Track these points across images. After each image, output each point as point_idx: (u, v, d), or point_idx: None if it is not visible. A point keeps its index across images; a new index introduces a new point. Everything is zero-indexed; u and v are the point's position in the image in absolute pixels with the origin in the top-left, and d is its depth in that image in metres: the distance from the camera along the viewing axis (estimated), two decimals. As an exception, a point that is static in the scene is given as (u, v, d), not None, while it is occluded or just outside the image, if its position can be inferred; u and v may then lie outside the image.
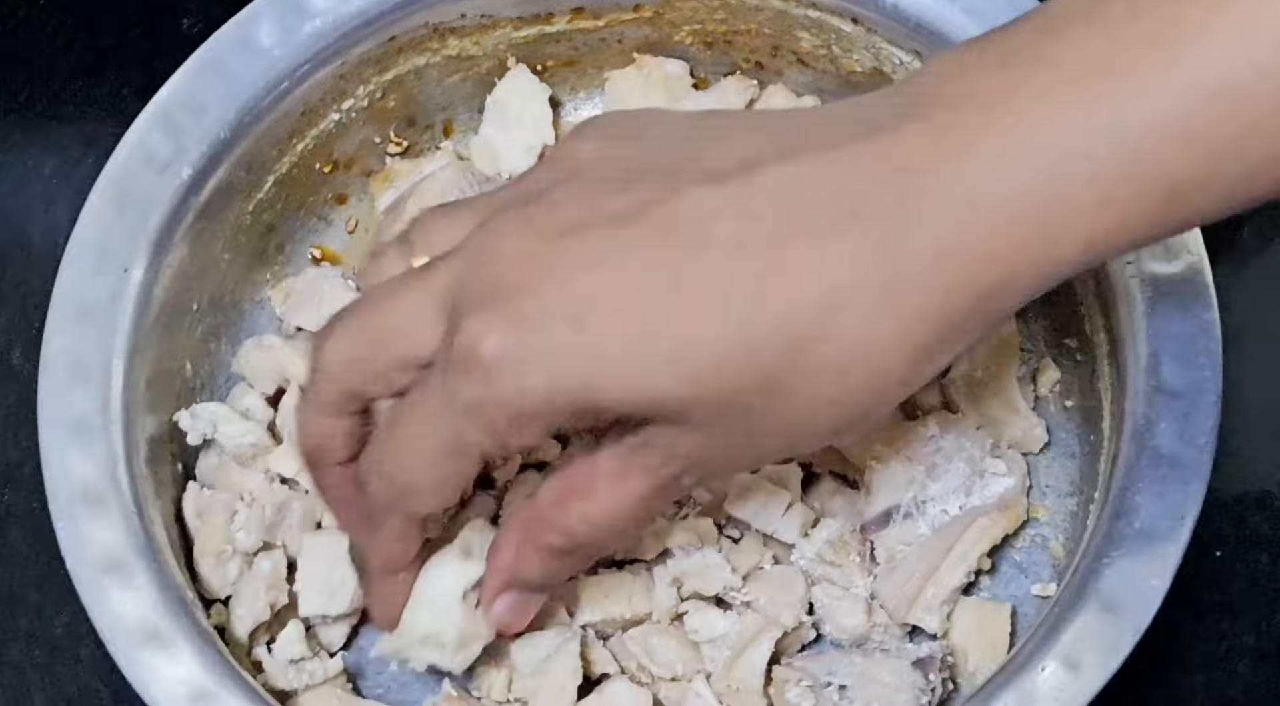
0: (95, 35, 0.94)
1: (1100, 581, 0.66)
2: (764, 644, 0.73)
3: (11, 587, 0.83)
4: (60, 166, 0.91)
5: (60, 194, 0.90)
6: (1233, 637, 0.79)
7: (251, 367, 0.81)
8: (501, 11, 0.83)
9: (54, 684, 0.81)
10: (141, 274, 0.74)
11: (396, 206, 0.84)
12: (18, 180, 0.91)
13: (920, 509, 0.76)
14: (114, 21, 0.95)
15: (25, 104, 0.94)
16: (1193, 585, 0.77)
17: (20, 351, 0.87)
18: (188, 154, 0.76)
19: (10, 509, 0.84)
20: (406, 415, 0.57)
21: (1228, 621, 0.80)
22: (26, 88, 0.94)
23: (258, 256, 0.83)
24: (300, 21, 0.78)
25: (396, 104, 0.85)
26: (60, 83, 0.94)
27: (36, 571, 0.82)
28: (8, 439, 0.85)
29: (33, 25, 0.95)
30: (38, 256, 0.89)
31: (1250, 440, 0.82)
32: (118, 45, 0.94)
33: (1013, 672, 0.66)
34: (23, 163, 0.92)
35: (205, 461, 0.79)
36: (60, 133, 0.92)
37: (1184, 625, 0.79)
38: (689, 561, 0.74)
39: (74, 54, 0.94)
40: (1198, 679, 0.79)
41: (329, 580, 0.74)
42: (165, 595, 0.68)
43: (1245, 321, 0.82)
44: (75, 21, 0.95)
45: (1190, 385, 0.69)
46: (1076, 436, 0.79)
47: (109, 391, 0.72)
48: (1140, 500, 0.67)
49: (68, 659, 0.81)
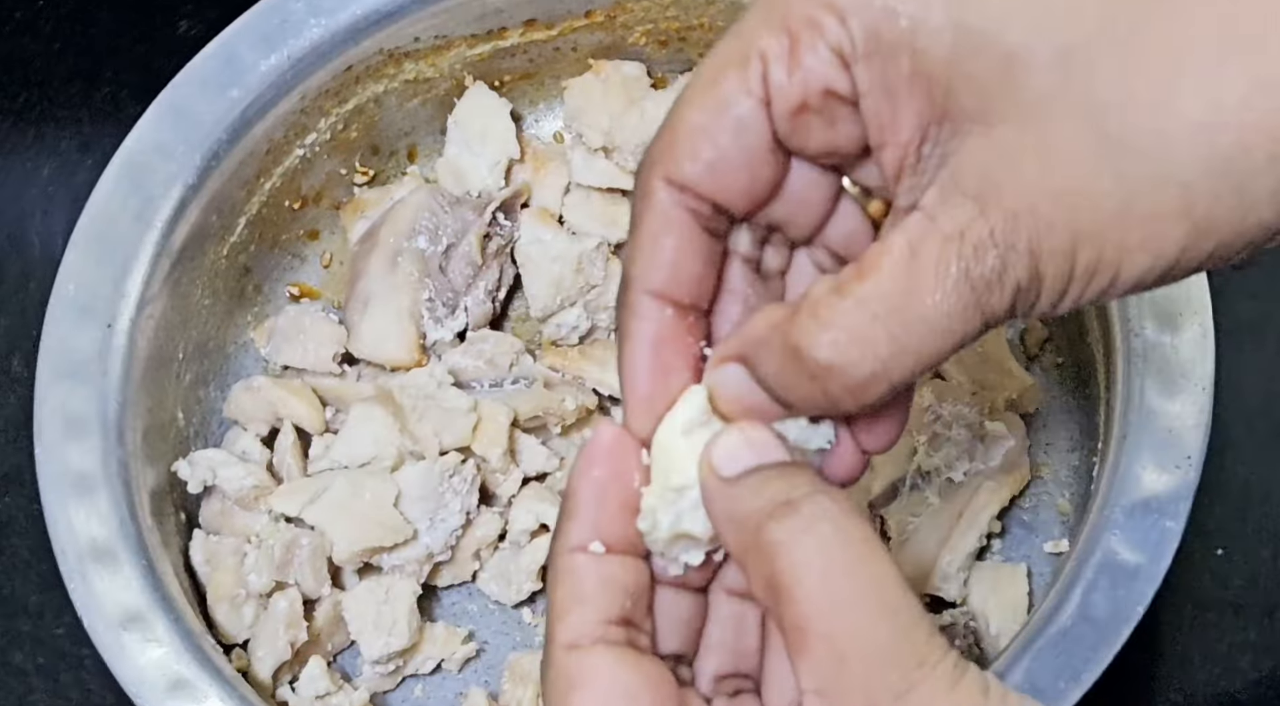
0: (92, 38, 0.94)
1: (1115, 530, 0.66)
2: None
3: (13, 591, 0.82)
4: (58, 170, 0.91)
5: (58, 198, 0.90)
6: (1234, 634, 0.79)
7: (243, 410, 0.81)
8: (455, 30, 0.83)
9: (57, 689, 0.80)
10: (126, 326, 0.74)
11: (371, 236, 0.84)
12: (15, 184, 0.91)
13: (925, 479, 0.77)
14: (111, 25, 0.94)
15: (23, 107, 0.93)
16: (1194, 581, 0.78)
17: (19, 357, 0.86)
18: (158, 203, 0.76)
19: (11, 514, 0.83)
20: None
21: (1229, 617, 0.79)
22: (24, 91, 0.93)
23: (237, 299, 0.83)
24: (256, 59, 0.78)
25: (359, 133, 0.85)
26: (57, 86, 0.93)
27: (38, 575, 0.82)
28: (7, 444, 0.84)
29: (30, 28, 0.94)
30: (36, 261, 0.88)
31: (1251, 436, 0.82)
32: (115, 48, 0.94)
33: (1039, 628, 0.66)
34: (20, 166, 0.91)
35: (208, 508, 0.78)
36: (57, 136, 0.92)
37: (1185, 621, 0.79)
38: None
39: (71, 57, 0.94)
40: (1199, 675, 0.78)
41: (379, 621, 0.75)
42: (187, 643, 0.68)
43: (1245, 320, 0.83)
44: (72, 25, 0.94)
45: (1178, 313, 0.70)
46: (1071, 392, 0.80)
47: (107, 447, 0.71)
48: (1145, 442, 0.68)
49: (70, 663, 0.80)
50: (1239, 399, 0.80)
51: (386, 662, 0.77)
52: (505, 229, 0.85)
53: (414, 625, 0.76)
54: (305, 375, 0.82)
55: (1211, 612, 0.79)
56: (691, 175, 0.47)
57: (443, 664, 0.79)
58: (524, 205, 0.86)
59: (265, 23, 0.78)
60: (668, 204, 0.47)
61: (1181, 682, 0.78)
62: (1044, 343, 0.81)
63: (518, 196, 0.86)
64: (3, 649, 0.81)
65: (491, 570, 0.80)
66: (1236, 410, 0.80)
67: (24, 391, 0.79)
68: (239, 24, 0.78)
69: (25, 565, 0.82)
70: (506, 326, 0.86)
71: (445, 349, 0.82)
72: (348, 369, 0.83)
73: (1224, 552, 0.80)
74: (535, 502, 0.79)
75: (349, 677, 0.78)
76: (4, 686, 0.80)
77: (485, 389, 0.81)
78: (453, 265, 0.83)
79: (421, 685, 0.79)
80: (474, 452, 0.78)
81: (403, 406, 0.78)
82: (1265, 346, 0.84)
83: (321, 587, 0.76)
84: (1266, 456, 0.82)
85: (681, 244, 0.47)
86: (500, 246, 0.84)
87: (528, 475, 0.80)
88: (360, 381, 0.82)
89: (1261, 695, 0.78)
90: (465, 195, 0.85)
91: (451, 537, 0.78)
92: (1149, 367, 0.69)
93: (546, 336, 0.85)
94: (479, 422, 0.78)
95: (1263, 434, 0.82)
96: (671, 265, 0.48)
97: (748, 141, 0.46)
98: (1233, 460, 0.81)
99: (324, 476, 0.78)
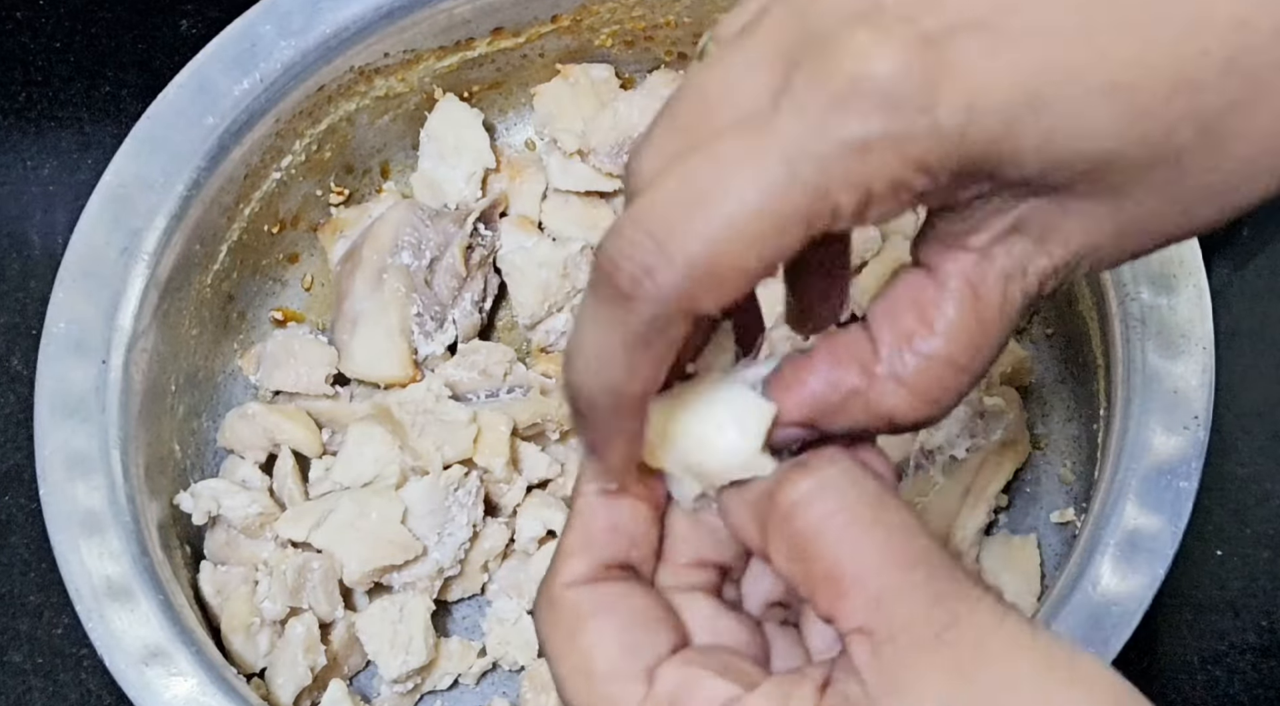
0: (93, 37, 0.93)
1: (1130, 495, 0.67)
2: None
3: (12, 591, 0.81)
4: (59, 169, 0.90)
5: (59, 197, 0.89)
6: (1234, 635, 0.79)
7: (239, 438, 0.80)
8: (423, 44, 0.82)
9: (56, 689, 0.79)
10: (120, 361, 0.73)
11: (353, 255, 0.84)
12: (16, 183, 0.90)
13: (929, 459, 0.77)
14: (112, 23, 0.93)
15: (24, 106, 0.92)
16: (1194, 583, 0.79)
17: (19, 355, 0.85)
18: (143, 235, 0.75)
19: (11, 513, 0.82)
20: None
21: (1229, 619, 0.80)
22: (24, 90, 0.92)
23: (222, 327, 0.82)
24: (230, 84, 0.77)
25: (332, 153, 0.84)
26: (59, 84, 0.92)
27: (37, 575, 0.81)
28: (8, 443, 0.83)
29: (31, 27, 0.93)
30: (36, 260, 0.87)
31: (1249, 439, 0.82)
32: (116, 47, 0.93)
33: (1063, 597, 0.66)
34: (21, 165, 0.90)
35: (213, 539, 0.78)
36: (59, 135, 0.91)
37: (1185, 623, 0.79)
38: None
39: (72, 56, 0.93)
40: (1199, 677, 0.79)
41: (395, 640, 0.74)
42: (212, 676, 0.67)
43: (1245, 320, 0.83)
44: (73, 23, 0.93)
45: (1172, 274, 0.70)
46: (1063, 362, 0.80)
47: (113, 483, 0.71)
48: (1152, 407, 0.68)
49: (69, 663, 0.79)
50: (1237, 401, 0.81)
51: (405, 681, 0.76)
52: (487, 239, 0.85)
53: (430, 641, 0.76)
54: (298, 399, 0.82)
55: (1210, 615, 0.79)
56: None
57: (460, 678, 0.78)
58: (503, 214, 0.86)
59: (236, 47, 0.78)
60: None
61: (1180, 684, 0.79)
62: (1032, 315, 0.82)
63: (496, 206, 0.86)
64: (1, 648, 0.80)
65: (500, 581, 0.80)
66: (1235, 412, 0.81)
67: (24, 389, 0.79)
68: (209, 50, 0.77)
69: (24, 564, 0.81)
70: (493, 336, 0.86)
71: (437, 363, 0.82)
72: (340, 390, 0.82)
73: (1222, 554, 0.80)
74: (541, 509, 0.79)
75: (368, 699, 0.78)
76: (2, 686, 0.79)
77: (482, 400, 0.81)
78: (437, 279, 0.83)
79: (440, 701, 0.79)
80: (476, 464, 0.78)
81: (402, 422, 0.78)
82: (1263, 349, 0.84)
83: (335, 610, 0.76)
84: (1265, 459, 0.82)
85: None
86: (483, 257, 0.84)
87: (531, 483, 0.80)
88: (354, 401, 0.81)
89: (1261, 697, 0.78)
90: (444, 208, 0.85)
91: (460, 551, 0.77)
92: (1148, 331, 0.70)
93: (535, 343, 0.84)
94: (479, 434, 0.78)
95: (1261, 436, 0.83)
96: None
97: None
98: (1232, 462, 0.81)
99: (329, 499, 0.77)
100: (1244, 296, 0.84)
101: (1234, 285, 0.83)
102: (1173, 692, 0.78)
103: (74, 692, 0.79)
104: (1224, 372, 0.70)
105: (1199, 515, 0.67)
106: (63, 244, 0.73)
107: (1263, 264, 0.86)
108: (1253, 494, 0.82)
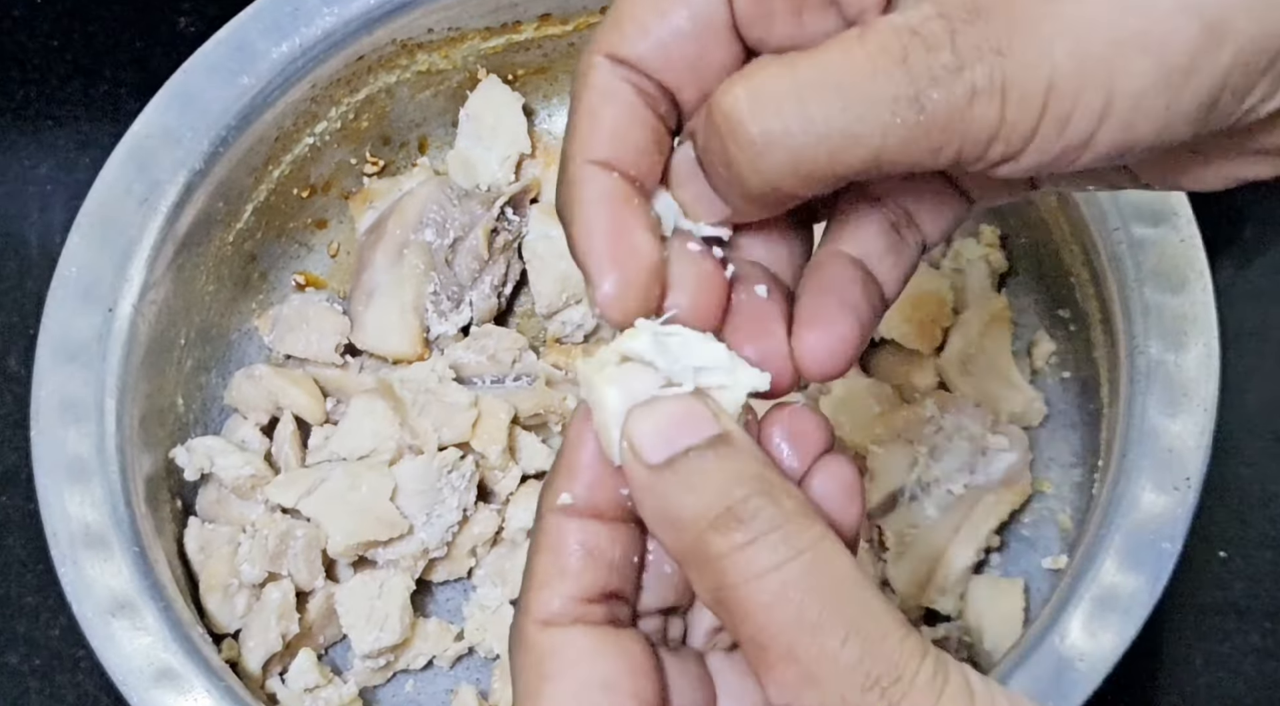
0: (91, 36, 0.94)
1: (1111, 551, 0.66)
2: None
3: (8, 592, 0.82)
4: (56, 168, 0.90)
5: (56, 196, 0.89)
6: (1237, 637, 0.79)
7: (244, 398, 0.80)
8: (469, 23, 0.82)
9: (53, 691, 0.80)
10: (127, 311, 0.74)
11: (378, 226, 0.84)
12: (14, 182, 0.91)
13: (925, 490, 0.76)
14: (110, 21, 0.94)
15: (21, 104, 0.93)
16: (1197, 585, 0.78)
17: (16, 355, 0.86)
18: (164, 187, 0.75)
19: (8, 514, 0.83)
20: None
21: (1232, 621, 0.79)
22: (22, 88, 0.93)
23: (241, 286, 0.83)
24: (268, 47, 0.77)
25: (370, 123, 0.84)
26: (57, 83, 0.93)
27: (33, 576, 0.81)
28: (4, 444, 0.84)
29: (28, 25, 0.94)
30: (34, 259, 0.88)
31: (1254, 440, 0.81)
32: (114, 45, 0.93)
33: (1031, 646, 0.65)
34: (19, 164, 0.91)
35: (205, 496, 0.78)
36: (56, 134, 0.92)
37: (1188, 625, 0.78)
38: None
39: (70, 54, 0.93)
40: (1202, 679, 0.78)
41: (371, 616, 0.75)
42: (175, 633, 0.68)
43: (1247, 320, 0.82)
44: (71, 22, 0.94)
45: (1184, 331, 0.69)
46: (1076, 407, 0.79)
47: (103, 432, 0.71)
48: (1145, 464, 0.67)
49: (66, 665, 0.80)
50: (1241, 403, 0.80)
51: (377, 657, 0.76)
52: (513, 224, 0.84)
53: (406, 620, 0.76)
54: (307, 365, 0.82)
55: (1214, 616, 0.79)
56: (635, 51, 0.43)
57: (434, 660, 0.78)
58: (533, 200, 0.86)
59: (277, 10, 0.78)
60: (608, 77, 0.43)
61: (1184, 686, 0.78)
62: (1050, 356, 0.80)
63: (527, 192, 0.85)
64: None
65: (487, 567, 0.80)
66: (1239, 414, 0.79)
67: (20, 389, 0.79)
68: (250, 11, 0.78)
69: (21, 565, 0.82)
70: (511, 322, 0.86)
71: (448, 343, 0.82)
72: (350, 360, 0.82)
73: (1226, 556, 0.80)
74: (534, 500, 0.78)
75: (339, 671, 0.78)
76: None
77: (487, 385, 0.81)
78: (459, 259, 0.83)
79: (412, 680, 0.79)
80: (473, 449, 0.78)
81: (403, 400, 0.78)
82: (1268, 350, 0.84)
83: (315, 580, 0.76)
84: (1269, 460, 0.82)
85: (622, 113, 0.43)
86: (507, 241, 0.84)
87: (527, 473, 0.80)
88: (362, 373, 0.82)
89: (1264, 698, 0.78)
90: (474, 189, 0.85)
91: (448, 534, 0.77)
92: (1152, 386, 0.68)
93: (551, 333, 0.84)
94: (479, 419, 0.78)
95: (1265, 438, 0.82)
96: (613, 134, 0.43)
97: (702, 17, 0.42)
98: (1235, 464, 0.80)
99: (321, 468, 0.77)
100: (1247, 297, 0.83)
101: (1237, 285, 0.82)
102: (1175, 694, 0.78)
103: (71, 694, 0.80)
104: (1227, 375, 0.69)
105: (1202, 517, 0.67)
106: (60, 243, 0.74)
107: (1266, 264, 0.86)
108: (1256, 495, 0.81)
